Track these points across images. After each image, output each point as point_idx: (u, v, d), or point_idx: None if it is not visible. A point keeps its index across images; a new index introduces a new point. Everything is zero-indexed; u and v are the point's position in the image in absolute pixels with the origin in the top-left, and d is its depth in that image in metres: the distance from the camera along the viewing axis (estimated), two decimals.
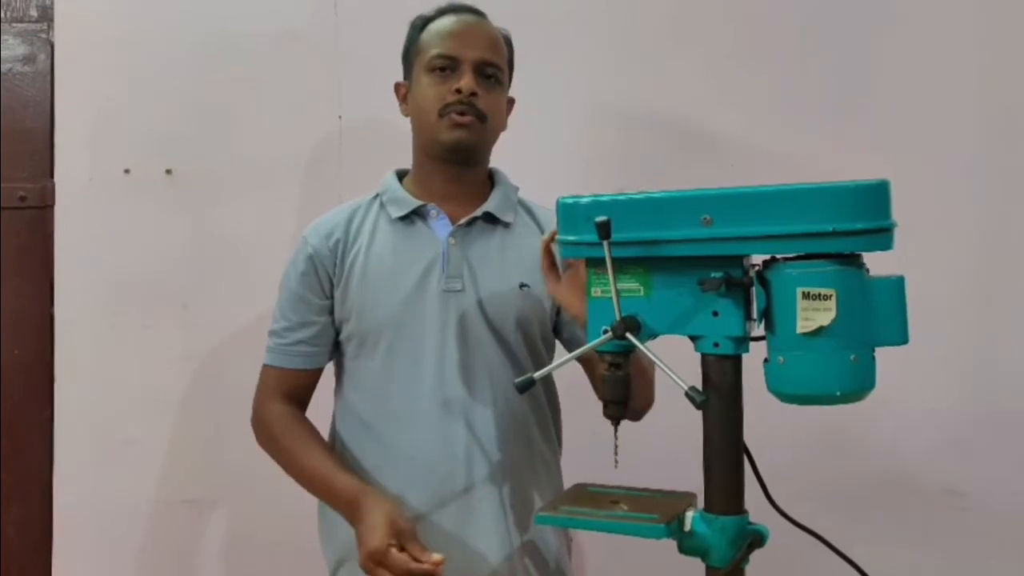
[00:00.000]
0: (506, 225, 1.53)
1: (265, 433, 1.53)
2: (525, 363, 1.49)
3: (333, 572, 1.52)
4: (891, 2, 2.09)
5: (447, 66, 1.47)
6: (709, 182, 1.09)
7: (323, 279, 1.50)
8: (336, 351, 1.55)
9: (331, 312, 1.51)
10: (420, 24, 1.54)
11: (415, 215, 1.51)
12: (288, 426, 1.50)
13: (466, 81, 1.45)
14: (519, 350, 1.49)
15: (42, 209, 2.13)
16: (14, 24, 2.16)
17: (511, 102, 1.59)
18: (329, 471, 1.43)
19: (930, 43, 2.07)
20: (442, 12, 1.53)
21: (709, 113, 2.10)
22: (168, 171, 2.12)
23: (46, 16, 2.16)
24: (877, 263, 1.02)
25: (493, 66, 1.49)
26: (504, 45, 1.54)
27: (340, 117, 2.12)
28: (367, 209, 1.54)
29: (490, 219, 1.52)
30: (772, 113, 2.08)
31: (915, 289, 1.02)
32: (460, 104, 1.44)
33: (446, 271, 1.46)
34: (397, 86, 1.58)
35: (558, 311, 1.55)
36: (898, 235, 0.99)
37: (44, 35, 2.16)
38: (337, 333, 1.52)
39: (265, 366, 1.55)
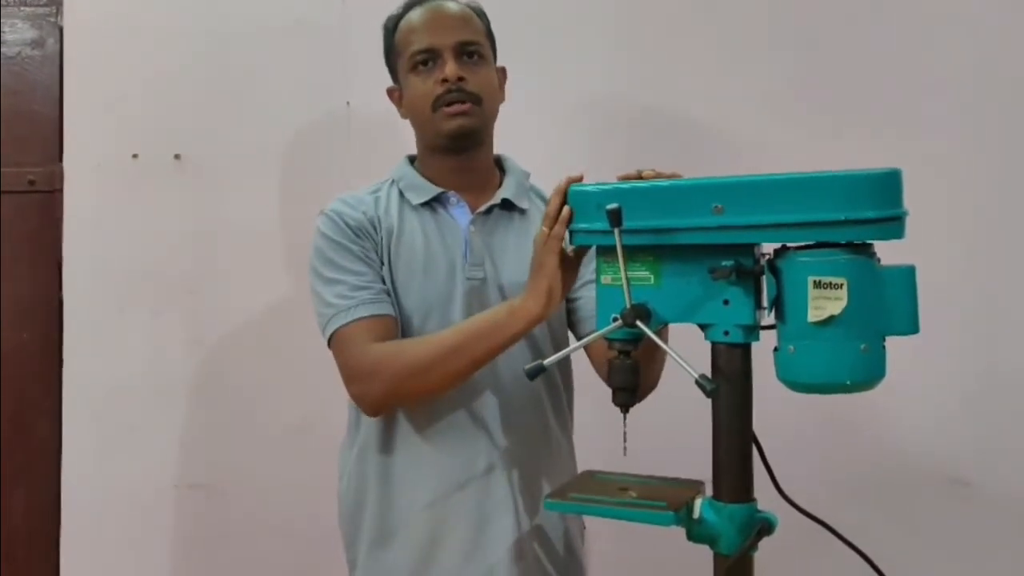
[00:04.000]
0: (522, 212, 1.53)
1: (375, 370, 1.38)
2: (544, 347, 1.49)
3: (354, 551, 1.52)
4: None
5: (427, 59, 1.46)
6: (715, 174, 1.09)
7: (375, 245, 1.46)
8: None
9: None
10: (392, 25, 1.54)
11: (436, 202, 1.51)
12: (396, 344, 1.40)
13: (449, 68, 1.44)
14: (540, 335, 1.49)
15: (51, 193, 2.14)
16: (23, 8, 2.17)
17: (503, 72, 1.57)
18: (469, 322, 1.37)
19: (935, 39, 2.06)
20: (408, 7, 1.52)
21: (715, 106, 2.09)
22: (176, 156, 2.12)
23: (55, 0, 2.16)
24: (885, 254, 1.02)
25: (472, 44, 1.48)
26: (477, 18, 1.52)
27: (348, 104, 2.12)
28: (388, 193, 1.53)
29: (507, 206, 1.52)
30: (778, 106, 2.08)
31: (922, 279, 1.02)
32: (450, 93, 1.44)
33: (468, 259, 1.47)
34: (390, 92, 1.57)
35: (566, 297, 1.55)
36: (908, 225, 0.99)
37: (53, 19, 2.16)
38: None
39: (345, 328, 1.40)
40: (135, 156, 2.13)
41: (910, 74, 2.06)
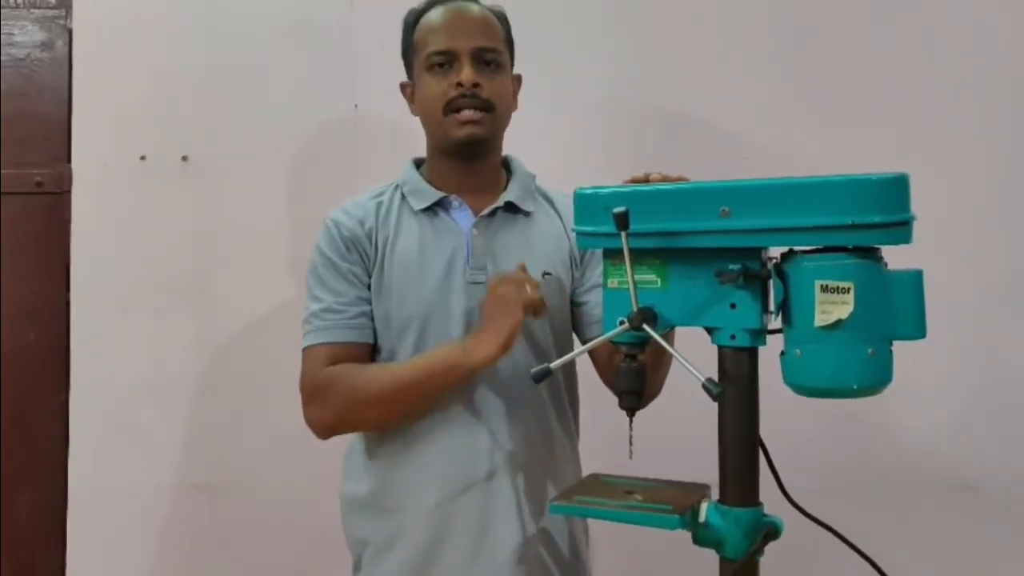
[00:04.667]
0: (527, 214, 1.53)
1: (326, 394, 1.42)
2: (548, 352, 1.49)
3: (358, 553, 1.52)
4: None
5: (445, 61, 1.46)
6: (724, 176, 1.09)
7: (365, 260, 1.48)
8: None
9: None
10: (412, 20, 1.53)
11: (438, 206, 1.51)
12: (351, 368, 1.42)
13: (466, 73, 1.44)
14: (544, 339, 1.49)
15: (59, 195, 2.15)
16: (32, 10, 2.17)
17: (518, 79, 1.57)
18: (422, 358, 1.39)
19: (935, 40, 2.07)
20: (431, 3, 1.52)
21: (724, 107, 2.09)
22: (184, 158, 2.13)
23: (64, 3, 2.17)
24: (886, 254, 1.02)
25: (491, 51, 1.47)
26: (499, 24, 1.52)
27: (356, 106, 2.12)
28: (391, 199, 1.53)
29: (511, 208, 1.52)
30: (777, 106, 2.08)
31: (929, 284, 1.02)
32: (464, 98, 1.44)
33: (470, 262, 1.46)
34: (403, 86, 1.57)
35: (571, 301, 1.56)
36: (915, 230, 0.99)
37: (62, 21, 2.17)
38: None
39: (311, 348, 1.44)
40: (143, 158, 2.13)
41: (910, 74, 2.06)
